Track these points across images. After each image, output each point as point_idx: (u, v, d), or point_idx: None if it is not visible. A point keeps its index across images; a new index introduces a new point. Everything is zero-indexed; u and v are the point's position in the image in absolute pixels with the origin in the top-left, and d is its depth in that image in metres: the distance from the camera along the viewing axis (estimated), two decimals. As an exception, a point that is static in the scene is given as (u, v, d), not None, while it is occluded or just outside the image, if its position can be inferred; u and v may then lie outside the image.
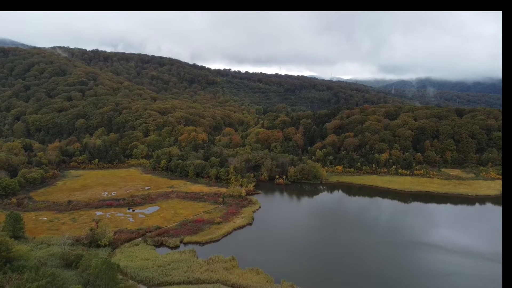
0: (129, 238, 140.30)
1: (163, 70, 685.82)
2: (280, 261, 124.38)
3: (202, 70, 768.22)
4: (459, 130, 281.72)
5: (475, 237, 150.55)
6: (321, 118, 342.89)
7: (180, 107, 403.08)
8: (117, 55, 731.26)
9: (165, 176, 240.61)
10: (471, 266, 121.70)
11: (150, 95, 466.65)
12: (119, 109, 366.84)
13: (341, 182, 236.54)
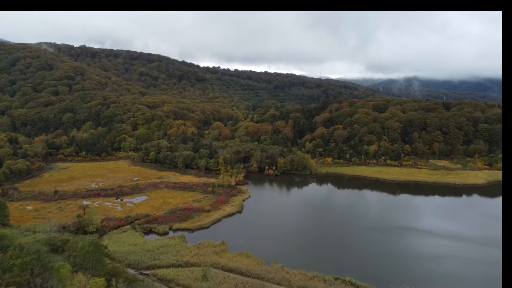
0: (117, 225, 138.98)
1: (151, 67, 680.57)
2: (270, 246, 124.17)
3: (191, 67, 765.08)
4: (446, 122, 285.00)
5: (463, 223, 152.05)
6: (311, 112, 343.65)
7: (169, 101, 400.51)
8: (105, 52, 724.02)
9: (154, 168, 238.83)
10: (460, 249, 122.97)
11: (138, 90, 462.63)
12: (107, 103, 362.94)
13: (331, 173, 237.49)
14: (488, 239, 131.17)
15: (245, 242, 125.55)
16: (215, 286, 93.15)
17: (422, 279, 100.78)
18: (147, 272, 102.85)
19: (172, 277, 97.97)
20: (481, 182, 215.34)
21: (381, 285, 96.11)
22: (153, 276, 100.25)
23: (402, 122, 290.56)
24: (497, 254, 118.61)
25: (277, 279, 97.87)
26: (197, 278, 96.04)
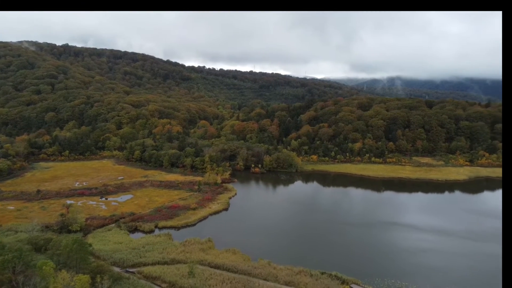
0: (101, 224, 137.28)
1: (136, 66, 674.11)
2: (257, 243, 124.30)
3: (176, 66, 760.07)
4: (429, 120, 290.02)
5: (446, 218, 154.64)
6: (296, 110, 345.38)
7: (154, 100, 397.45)
8: (88, 50, 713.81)
9: (139, 167, 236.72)
10: (443, 243, 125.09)
11: (123, 89, 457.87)
12: (90, 102, 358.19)
13: (316, 170, 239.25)
14: (469, 233, 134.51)
15: (232, 239, 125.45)
16: (202, 282, 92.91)
17: (406, 272, 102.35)
18: (133, 270, 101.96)
19: (158, 275, 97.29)
20: (462, 178, 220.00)
21: (366, 278, 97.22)
22: (139, 274, 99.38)
23: (386, 120, 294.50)
24: (478, 246, 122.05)
25: (263, 275, 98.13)
26: (184, 275, 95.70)
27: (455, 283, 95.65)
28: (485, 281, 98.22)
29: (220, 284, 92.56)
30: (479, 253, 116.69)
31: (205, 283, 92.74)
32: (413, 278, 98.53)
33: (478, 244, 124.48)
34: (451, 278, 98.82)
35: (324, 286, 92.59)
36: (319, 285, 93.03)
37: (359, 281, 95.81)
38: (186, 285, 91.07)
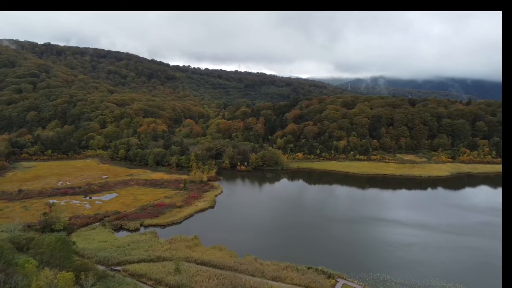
0: (85, 223, 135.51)
1: (120, 65, 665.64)
2: (243, 239, 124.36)
3: (161, 66, 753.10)
4: (412, 118, 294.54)
5: (429, 213, 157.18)
6: (281, 109, 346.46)
7: (138, 99, 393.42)
8: (71, 49, 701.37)
9: (124, 166, 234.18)
10: (427, 237, 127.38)
11: (107, 88, 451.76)
12: (73, 101, 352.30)
13: (302, 168, 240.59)
14: (451, 227, 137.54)
15: (218, 236, 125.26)
16: (188, 279, 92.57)
17: (391, 266, 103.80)
18: (118, 268, 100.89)
19: (144, 272, 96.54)
20: (445, 174, 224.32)
21: (352, 272, 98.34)
22: (124, 272, 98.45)
23: (370, 118, 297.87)
24: (461, 240, 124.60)
25: (250, 270, 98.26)
26: (170, 272, 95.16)
27: (438, 275, 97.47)
28: (467, 273, 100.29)
29: (206, 280, 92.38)
30: (461, 247, 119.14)
31: (192, 280, 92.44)
32: (398, 271, 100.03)
33: (461, 237, 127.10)
34: (435, 271, 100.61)
35: (311, 280, 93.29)
36: (306, 279, 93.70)
37: (345, 275, 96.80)
38: (172, 282, 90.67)
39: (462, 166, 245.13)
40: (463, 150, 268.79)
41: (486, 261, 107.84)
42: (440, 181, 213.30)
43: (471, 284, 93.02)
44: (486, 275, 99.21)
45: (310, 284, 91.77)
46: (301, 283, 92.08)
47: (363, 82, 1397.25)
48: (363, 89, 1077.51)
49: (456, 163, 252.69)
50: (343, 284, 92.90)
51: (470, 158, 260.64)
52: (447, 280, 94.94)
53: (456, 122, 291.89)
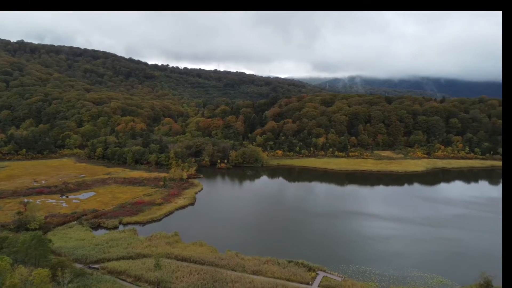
0: (62, 222, 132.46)
1: (97, 64, 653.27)
2: (224, 235, 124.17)
3: (139, 64, 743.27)
4: (388, 115, 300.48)
5: (406, 207, 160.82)
6: (261, 107, 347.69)
7: (116, 98, 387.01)
8: (45, 47, 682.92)
9: (102, 164, 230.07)
10: (404, 230, 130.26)
11: (83, 86, 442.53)
12: (49, 99, 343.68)
13: (282, 164, 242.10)
14: (427, 220, 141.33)
15: (199, 232, 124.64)
16: (169, 274, 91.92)
17: (370, 258, 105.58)
18: (96, 266, 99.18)
19: (123, 269, 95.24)
20: (420, 169, 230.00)
21: (332, 265, 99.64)
22: (103, 269, 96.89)
23: (348, 115, 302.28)
24: (436, 231, 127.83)
25: (231, 265, 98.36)
26: (150, 268, 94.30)
27: (415, 266, 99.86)
28: (443, 263, 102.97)
29: (187, 276, 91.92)
30: (437, 238, 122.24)
31: (172, 275, 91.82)
32: (376, 263, 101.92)
33: (436, 229, 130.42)
34: (412, 262, 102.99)
35: (291, 273, 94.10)
36: (287, 273, 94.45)
37: (325, 267, 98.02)
38: (153, 278, 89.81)
39: (437, 161, 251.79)
40: (438, 146, 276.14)
41: (461, 252, 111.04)
42: (416, 176, 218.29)
43: (447, 274, 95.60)
44: (460, 265, 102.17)
45: (291, 277, 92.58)
46: (282, 276, 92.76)
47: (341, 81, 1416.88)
48: (340, 88, 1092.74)
49: (431, 158, 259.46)
50: (323, 276, 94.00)
51: (444, 154, 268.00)
52: (424, 271, 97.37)
53: (431, 119, 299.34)
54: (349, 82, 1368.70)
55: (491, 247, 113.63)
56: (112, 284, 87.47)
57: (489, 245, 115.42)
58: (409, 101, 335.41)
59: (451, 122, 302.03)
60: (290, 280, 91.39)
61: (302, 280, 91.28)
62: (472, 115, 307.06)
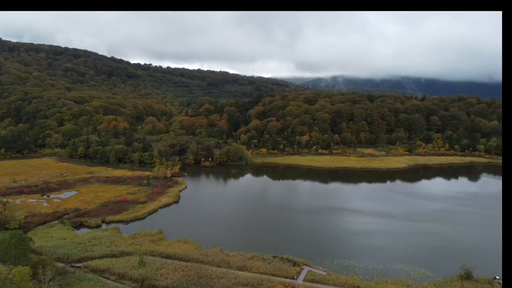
0: (43, 221, 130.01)
1: (78, 62, 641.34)
2: (209, 232, 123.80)
3: (121, 63, 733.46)
4: (371, 113, 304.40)
5: (388, 203, 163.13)
6: (245, 105, 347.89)
7: (98, 97, 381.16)
8: (24, 46, 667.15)
9: (84, 164, 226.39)
10: (386, 225, 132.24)
11: (64, 85, 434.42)
12: (28, 98, 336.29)
13: (266, 162, 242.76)
14: (409, 215, 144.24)
15: (183, 230, 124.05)
16: (153, 272, 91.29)
17: (354, 253, 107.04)
18: (79, 264, 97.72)
19: (106, 267, 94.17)
20: (402, 166, 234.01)
21: (317, 260, 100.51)
22: (85, 268, 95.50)
23: (331, 114, 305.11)
24: (417, 226, 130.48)
25: (216, 262, 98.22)
26: (134, 266, 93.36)
27: (398, 259, 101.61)
28: (425, 256, 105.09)
29: (172, 273, 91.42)
30: (419, 232, 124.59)
31: (157, 273, 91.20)
32: (360, 257, 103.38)
33: (418, 224, 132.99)
34: (395, 255, 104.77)
35: (276, 268, 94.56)
36: (272, 268, 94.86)
37: (310, 262, 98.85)
38: (137, 276, 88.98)
39: (418, 158, 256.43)
40: (419, 143, 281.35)
41: (442, 245, 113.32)
42: (398, 173, 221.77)
43: (429, 266, 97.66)
44: (442, 258, 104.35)
45: (276, 272, 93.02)
46: (267, 271, 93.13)
47: (324, 81, 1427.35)
48: (323, 87, 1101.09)
49: (412, 155, 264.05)
50: (308, 271, 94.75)
51: (425, 151, 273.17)
52: (406, 264, 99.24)
53: (412, 117, 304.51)
54: (331, 82, 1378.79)
55: (472, 240, 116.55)
56: (95, 283, 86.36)
57: (469, 238, 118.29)
58: (391, 99, 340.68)
59: (431, 119, 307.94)
60: (275, 275, 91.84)
61: (287, 275, 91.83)
62: (452, 113, 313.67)
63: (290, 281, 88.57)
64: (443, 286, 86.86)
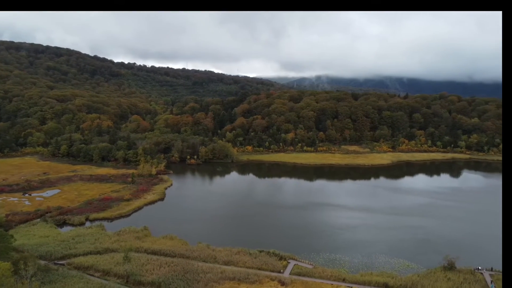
0: (25, 219, 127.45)
1: (60, 61, 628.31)
2: (195, 228, 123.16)
3: (104, 62, 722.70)
4: (355, 111, 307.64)
5: (372, 199, 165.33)
6: (230, 103, 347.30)
7: (81, 95, 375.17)
8: (4, 44, 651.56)
9: (67, 162, 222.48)
10: (372, 219, 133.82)
11: (46, 84, 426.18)
12: (9, 97, 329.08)
13: (252, 160, 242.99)
14: (393, 209, 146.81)
15: (169, 226, 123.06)
16: (138, 268, 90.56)
17: (340, 246, 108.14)
18: (62, 262, 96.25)
19: (91, 264, 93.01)
20: (386, 162, 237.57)
21: (303, 254, 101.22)
22: (69, 265, 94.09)
23: (316, 111, 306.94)
24: (401, 220, 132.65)
25: (202, 257, 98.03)
26: (119, 262, 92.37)
27: (383, 252, 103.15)
28: (409, 249, 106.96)
29: (157, 268, 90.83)
30: (403, 226, 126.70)
31: (142, 268, 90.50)
32: (345, 251, 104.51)
33: (402, 218, 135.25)
34: (379, 248, 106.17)
35: (263, 263, 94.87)
36: (258, 262, 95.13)
37: (296, 256, 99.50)
38: (122, 272, 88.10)
39: (402, 155, 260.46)
40: (402, 140, 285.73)
41: (425, 238, 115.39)
42: (382, 169, 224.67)
43: (413, 259, 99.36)
44: (426, 250, 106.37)
45: (262, 266, 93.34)
46: (253, 265, 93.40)
47: (308, 80, 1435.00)
48: (308, 87, 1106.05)
49: (396, 152, 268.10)
50: (294, 264, 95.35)
51: (408, 148, 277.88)
52: (391, 256, 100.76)
53: (395, 114, 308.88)
54: (316, 81, 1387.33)
55: (454, 234, 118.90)
56: (79, 279, 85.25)
57: (452, 232, 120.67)
58: (374, 97, 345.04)
59: (414, 117, 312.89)
60: (262, 269, 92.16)
61: (273, 269, 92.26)
62: (434, 111, 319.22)
63: (276, 275, 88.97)
64: (427, 276, 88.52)
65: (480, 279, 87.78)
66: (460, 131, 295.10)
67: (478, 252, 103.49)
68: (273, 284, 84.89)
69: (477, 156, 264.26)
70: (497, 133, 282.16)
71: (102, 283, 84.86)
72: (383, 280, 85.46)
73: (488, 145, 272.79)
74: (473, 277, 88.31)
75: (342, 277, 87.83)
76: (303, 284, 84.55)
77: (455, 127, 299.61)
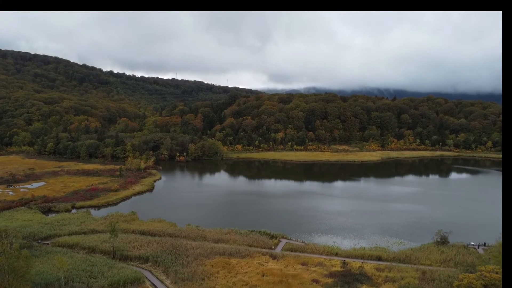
0: (8, 206, 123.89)
1: (48, 68, 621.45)
2: (184, 214, 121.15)
3: (93, 70, 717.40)
4: (344, 111, 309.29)
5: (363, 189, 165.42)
6: (220, 106, 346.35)
7: (69, 98, 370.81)
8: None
9: (53, 159, 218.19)
10: (364, 206, 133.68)
11: (33, 88, 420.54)
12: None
13: (241, 157, 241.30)
14: (383, 196, 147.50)
15: (158, 212, 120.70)
16: (126, 245, 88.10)
17: (332, 228, 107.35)
18: (46, 241, 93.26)
19: (76, 242, 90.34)
20: (376, 159, 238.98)
21: (294, 235, 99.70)
22: (54, 244, 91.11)
23: (305, 112, 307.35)
24: (393, 206, 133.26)
25: (192, 236, 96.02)
26: (105, 241, 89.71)
27: (376, 233, 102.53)
28: (401, 230, 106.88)
29: (145, 245, 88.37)
30: (395, 211, 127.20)
31: (129, 245, 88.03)
32: (338, 232, 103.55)
33: (394, 204, 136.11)
34: (372, 230, 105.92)
35: (254, 240, 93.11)
36: (249, 240, 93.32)
37: (287, 235, 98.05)
38: (108, 248, 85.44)
39: (391, 152, 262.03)
40: (391, 140, 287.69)
41: (417, 221, 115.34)
42: (372, 165, 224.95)
43: (406, 237, 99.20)
44: (417, 230, 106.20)
45: (253, 243, 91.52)
46: (244, 243, 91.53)
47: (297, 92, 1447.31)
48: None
49: (385, 150, 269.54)
50: (286, 242, 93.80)
51: (397, 146, 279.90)
52: (383, 235, 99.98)
53: (383, 115, 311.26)
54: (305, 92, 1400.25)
55: (446, 217, 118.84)
56: (63, 255, 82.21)
57: (442, 216, 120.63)
58: (363, 99, 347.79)
59: (402, 118, 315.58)
60: (253, 246, 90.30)
61: (265, 245, 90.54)
62: (421, 111, 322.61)
63: (268, 251, 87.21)
64: (421, 250, 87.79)
65: (473, 251, 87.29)
66: (447, 131, 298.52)
67: (468, 233, 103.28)
68: (265, 258, 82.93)
69: (465, 153, 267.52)
70: (484, 132, 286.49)
71: (87, 258, 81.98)
72: (376, 254, 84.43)
73: (476, 143, 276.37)
74: (466, 251, 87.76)
75: (335, 251, 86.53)
76: (295, 258, 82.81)
77: (443, 127, 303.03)
